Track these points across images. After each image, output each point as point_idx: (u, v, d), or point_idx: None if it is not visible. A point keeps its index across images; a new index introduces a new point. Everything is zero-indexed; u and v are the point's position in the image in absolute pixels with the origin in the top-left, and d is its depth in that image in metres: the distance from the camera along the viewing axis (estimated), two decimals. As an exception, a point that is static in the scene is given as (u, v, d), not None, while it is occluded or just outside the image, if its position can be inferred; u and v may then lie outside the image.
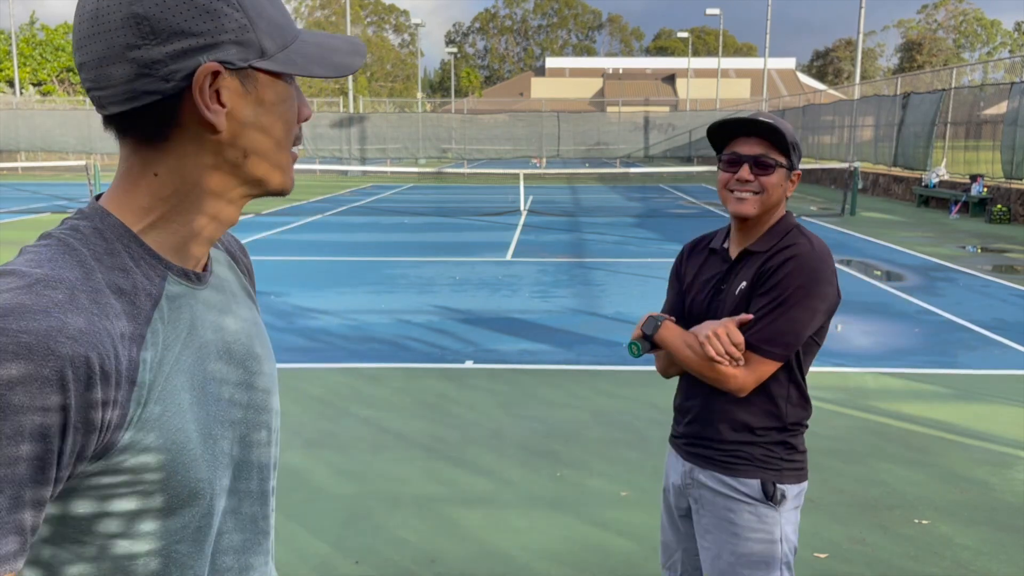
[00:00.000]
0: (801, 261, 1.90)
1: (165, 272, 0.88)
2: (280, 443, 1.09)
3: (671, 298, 2.15)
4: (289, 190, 0.96)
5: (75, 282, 0.78)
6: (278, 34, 0.87)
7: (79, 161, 21.76)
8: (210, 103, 0.84)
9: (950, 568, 3.30)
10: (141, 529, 0.84)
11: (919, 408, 5.18)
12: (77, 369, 0.74)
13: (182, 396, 0.86)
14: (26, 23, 50.38)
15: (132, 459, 0.81)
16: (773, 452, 1.99)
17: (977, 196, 17.04)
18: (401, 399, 5.36)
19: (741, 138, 1.95)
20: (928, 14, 79.25)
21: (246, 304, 1.05)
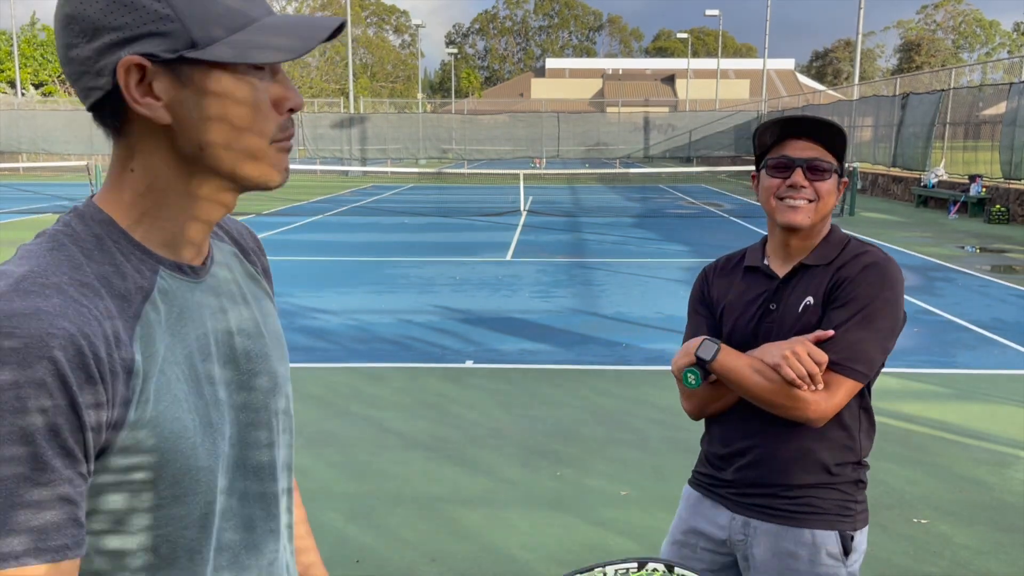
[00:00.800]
0: (882, 269, 1.71)
1: (156, 266, 0.88)
2: (291, 446, 1.08)
3: (699, 326, 1.88)
4: (273, 184, 0.91)
5: (64, 278, 0.80)
6: (215, 23, 0.83)
7: (80, 161, 21.77)
8: (139, 97, 0.83)
9: (949, 567, 3.32)
10: (150, 517, 0.86)
11: (919, 408, 5.19)
12: (72, 363, 0.75)
13: (178, 386, 0.86)
14: (27, 24, 50.38)
15: (134, 448, 0.82)
16: (848, 494, 1.77)
17: (976, 196, 17.05)
18: (402, 399, 5.37)
19: (791, 140, 1.74)
20: (927, 15, 79.29)
21: (253, 299, 1.03)
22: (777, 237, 1.80)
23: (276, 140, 0.89)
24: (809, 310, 1.73)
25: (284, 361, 1.06)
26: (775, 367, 1.64)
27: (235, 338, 0.97)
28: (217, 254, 1.00)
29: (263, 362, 1.00)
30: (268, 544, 1.00)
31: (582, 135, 34.76)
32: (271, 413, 1.01)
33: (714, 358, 1.69)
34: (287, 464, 1.06)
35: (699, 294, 1.92)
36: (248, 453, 0.98)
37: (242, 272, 1.04)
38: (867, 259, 1.72)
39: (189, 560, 0.90)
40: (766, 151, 1.78)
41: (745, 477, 1.79)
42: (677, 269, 10.52)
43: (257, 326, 1.01)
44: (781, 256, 1.80)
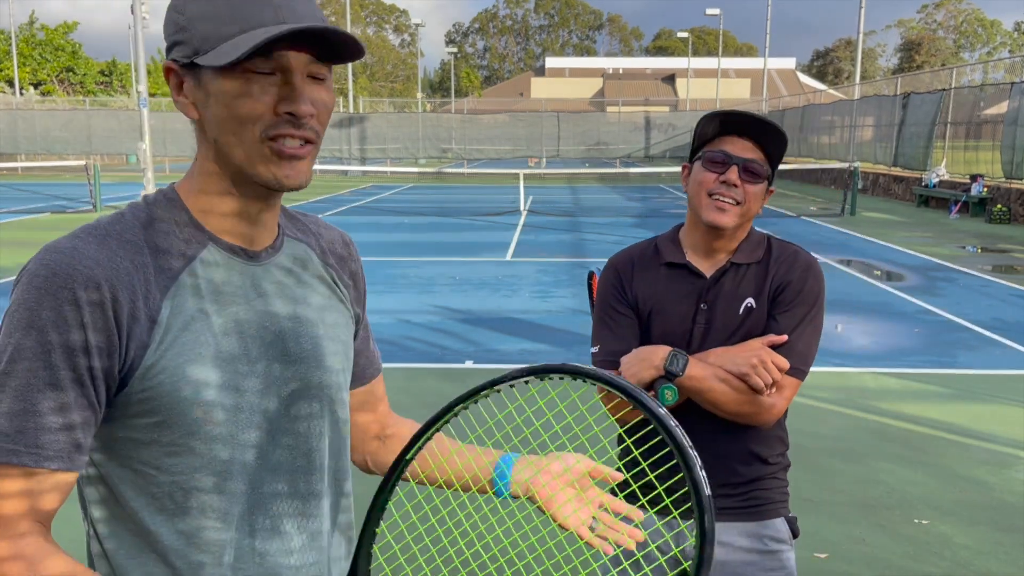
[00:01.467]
0: (817, 270, 1.75)
1: (207, 242, 0.99)
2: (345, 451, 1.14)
3: (625, 329, 1.79)
4: (271, 183, 0.96)
5: (110, 233, 0.94)
6: (216, 32, 0.92)
7: (79, 161, 21.76)
8: (177, 96, 0.98)
9: (950, 568, 3.31)
10: (165, 461, 0.95)
11: (919, 408, 5.18)
12: (88, 286, 0.88)
13: (205, 348, 0.95)
14: (26, 23, 50.39)
15: (152, 390, 0.92)
16: (783, 481, 1.80)
17: (977, 196, 17.04)
18: (401, 399, 5.37)
19: (732, 137, 1.70)
20: (928, 14, 79.28)
21: (321, 297, 1.09)
22: (699, 234, 1.76)
23: (269, 139, 0.95)
24: (753, 313, 1.72)
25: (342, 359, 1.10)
26: (742, 376, 1.63)
27: (286, 323, 1.02)
28: (287, 248, 1.07)
29: (315, 353, 1.04)
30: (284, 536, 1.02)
31: (582, 135, 34.76)
32: (316, 402, 1.05)
33: (684, 370, 1.63)
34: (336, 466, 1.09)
35: (616, 293, 1.81)
36: (282, 443, 1.01)
37: (314, 274, 1.10)
38: (803, 260, 1.75)
39: (200, 512, 0.96)
40: (704, 143, 1.75)
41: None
42: (677, 269, 10.51)
43: (313, 320, 1.06)
44: (703, 253, 1.77)
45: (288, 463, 1.02)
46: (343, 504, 1.11)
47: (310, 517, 1.05)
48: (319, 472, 1.06)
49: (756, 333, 1.71)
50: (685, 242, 1.80)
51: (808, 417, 5.01)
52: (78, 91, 49.91)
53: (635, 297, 1.80)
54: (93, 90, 50.87)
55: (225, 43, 0.91)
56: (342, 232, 1.21)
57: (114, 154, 37.76)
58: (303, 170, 0.98)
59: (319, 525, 1.06)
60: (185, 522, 0.95)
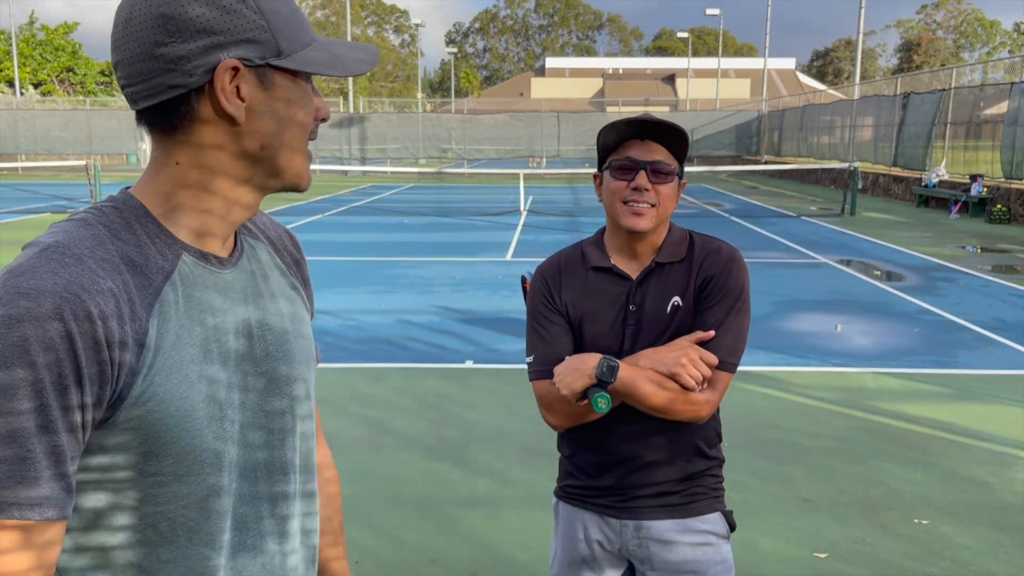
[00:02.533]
0: (739, 261, 1.76)
1: (180, 252, 0.94)
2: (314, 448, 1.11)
3: (556, 336, 1.80)
4: (305, 186, 1.00)
5: (85, 250, 0.86)
6: (295, 36, 0.93)
7: (79, 161, 21.77)
8: (230, 97, 0.90)
9: (950, 568, 3.31)
10: (151, 492, 0.89)
11: (919, 408, 5.18)
12: (79, 320, 0.80)
13: (191, 368, 0.90)
14: (26, 23, 50.38)
15: (138, 420, 0.86)
16: (718, 476, 1.83)
17: (977, 196, 17.05)
18: (401, 399, 5.37)
19: (634, 141, 1.74)
20: (928, 14, 79.27)
21: (282, 297, 1.07)
22: (621, 238, 1.78)
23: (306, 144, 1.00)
24: (680, 310, 1.74)
25: (309, 359, 1.08)
26: (672, 376, 1.65)
27: (256, 330, 1.00)
28: (248, 251, 1.04)
29: (285, 357, 1.02)
30: (277, 546, 1.01)
31: (582, 135, 34.76)
32: (289, 408, 1.03)
33: (614, 376, 1.64)
34: (305, 465, 1.07)
35: (545, 300, 1.83)
36: (264, 446, 0.99)
37: (274, 269, 1.08)
38: (725, 253, 1.76)
39: (188, 540, 0.92)
40: (609, 152, 1.78)
41: (631, 481, 1.77)
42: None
43: (282, 322, 1.04)
44: (627, 256, 1.80)
45: (268, 471, 1.00)
46: (313, 505, 1.09)
47: (287, 520, 1.03)
48: (294, 474, 1.04)
49: (685, 331, 1.73)
50: (609, 245, 1.82)
51: (808, 417, 5.01)
52: (78, 91, 49.89)
53: (564, 304, 1.82)
54: (93, 90, 50.86)
55: (306, 49, 0.94)
56: (286, 227, 1.18)
57: (114, 154, 37.75)
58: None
59: (301, 525, 1.06)
60: (169, 551, 0.91)
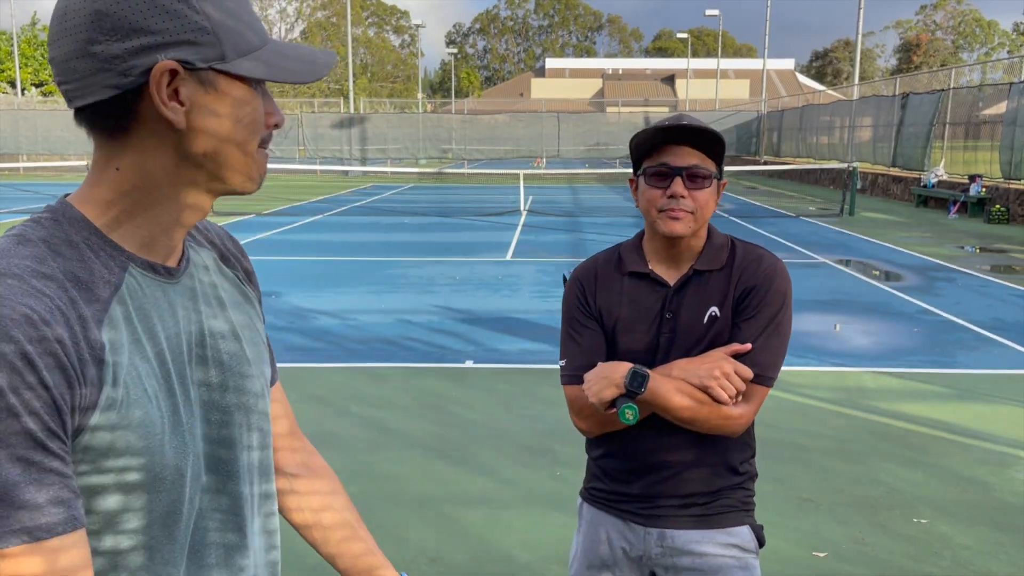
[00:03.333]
0: (782, 274, 1.71)
1: (126, 263, 0.89)
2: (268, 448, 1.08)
3: (589, 341, 1.77)
4: (250, 190, 0.96)
5: (26, 270, 0.81)
6: (241, 39, 0.89)
7: (80, 161, 21.78)
8: (167, 100, 0.86)
9: (950, 568, 3.31)
10: (112, 510, 0.86)
11: (919, 408, 5.18)
12: (33, 341, 0.76)
13: (148, 382, 0.87)
14: (27, 24, 50.38)
15: (101, 441, 0.83)
16: (749, 490, 1.79)
17: (976, 196, 17.05)
18: (401, 399, 5.37)
19: (670, 146, 1.68)
20: (927, 15, 79.30)
21: (232, 303, 1.04)
22: (658, 243, 1.74)
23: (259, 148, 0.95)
24: (717, 321, 1.69)
25: (262, 364, 1.06)
26: (704, 388, 1.61)
27: (208, 339, 0.97)
28: (194, 257, 1.01)
29: (238, 365, 1.00)
30: (238, 548, 0.99)
31: (582, 135, 34.77)
32: (250, 414, 1.01)
33: (643, 387, 1.60)
34: (263, 467, 1.05)
35: (579, 304, 1.81)
36: (220, 455, 0.97)
37: (221, 276, 1.05)
38: (767, 263, 1.71)
39: (150, 560, 0.89)
40: (643, 157, 1.73)
41: (659, 490, 1.74)
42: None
43: (233, 329, 1.02)
44: (665, 261, 1.75)
45: (234, 476, 0.98)
46: (272, 506, 1.08)
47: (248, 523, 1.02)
48: (261, 475, 1.04)
49: (721, 342, 1.68)
50: (648, 250, 1.77)
51: (808, 417, 5.01)
52: (78, 91, 49.81)
53: (599, 309, 1.78)
54: (93, 90, 50.75)
55: (256, 52, 0.90)
56: (226, 230, 1.15)
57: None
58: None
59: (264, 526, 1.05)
60: (133, 572, 0.88)
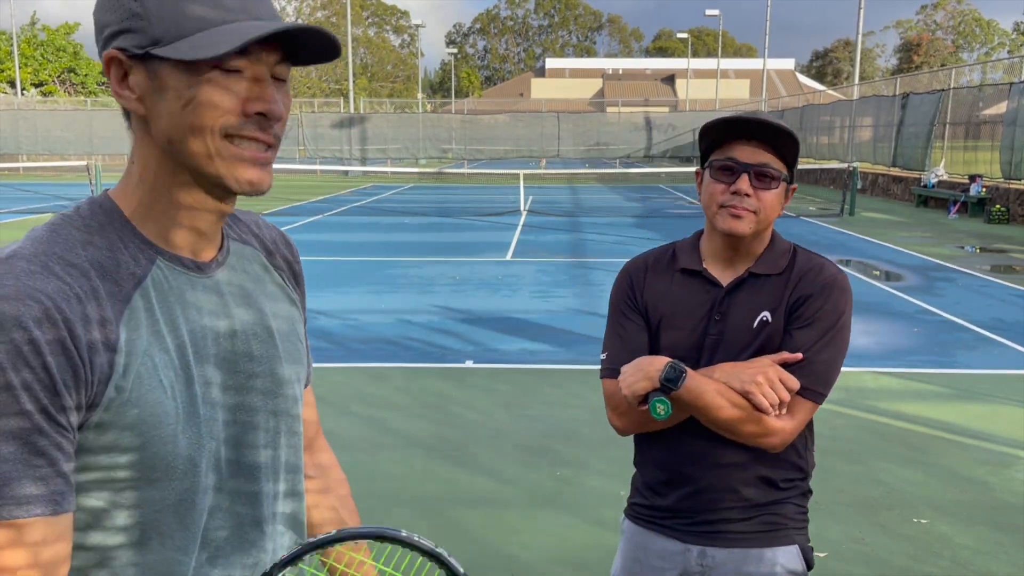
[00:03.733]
0: (842, 286, 1.63)
1: (154, 256, 0.92)
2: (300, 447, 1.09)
3: (632, 336, 1.69)
4: (232, 186, 0.90)
5: (50, 255, 0.84)
6: (177, 22, 0.85)
7: (80, 161, 21.78)
8: (120, 88, 0.89)
9: (949, 567, 3.31)
10: (122, 496, 0.88)
11: (919, 408, 5.19)
12: (43, 327, 0.79)
13: (164, 373, 0.89)
14: (27, 24, 50.39)
15: (112, 425, 0.85)
16: (800, 506, 1.69)
17: (976, 196, 17.05)
18: (401, 399, 5.37)
19: (738, 142, 1.60)
20: (927, 15, 79.30)
21: (271, 302, 1.04)
22: (717, 241, 1.66)
23: (232, 137, 0.89)
24: (767, 326, 1.61)
25: (298, 365, 1.06)
26: (745, 393, 1.52)
27: (237, 337, 0.97)
28: (233, 255, 1.02)
29: (266, 364, 1.00)
30: (255, 545, 1.00)
31: (582, 135, 34.76)
32: (270, 415, 1.01)
33: (680, 383, 1.52)
34: (291, 466, 1.05)
35: (627, 297, 1.73)
36: (242, 453, 0.98)
37: (265, 274, 1.06)
38: (828, 273, 1.63)
39: (160, 544, 0.91)
40: (711, 150, 1.65)
41: (694, 504, 1.66)
42: (677, 269, 10.51)
43: (268, 327, 1.01)
44: (721, 261, 1.67)
45: (247, 476, 0.98)
46: (298, 506, 1.08)
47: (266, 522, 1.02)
48: (286, 473, 1.04)
49: (770, 349, 1.60)
50: (704, 249, 1.70)
51: (808, 417, 5.01)
52: (79, 92, 49.89)
53: (645, 303, 1.70)
54: (95, 91, 50.84)
55: (196, 34, 0.85)
56: (282, 231, 1.16)
57: (115, 154, 37.74)
58: (268, 175, 0.92)
59: (285, 527, 1.05)
60: (143, 555, 0.90)
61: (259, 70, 0.89)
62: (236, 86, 0.88)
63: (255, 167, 0.91)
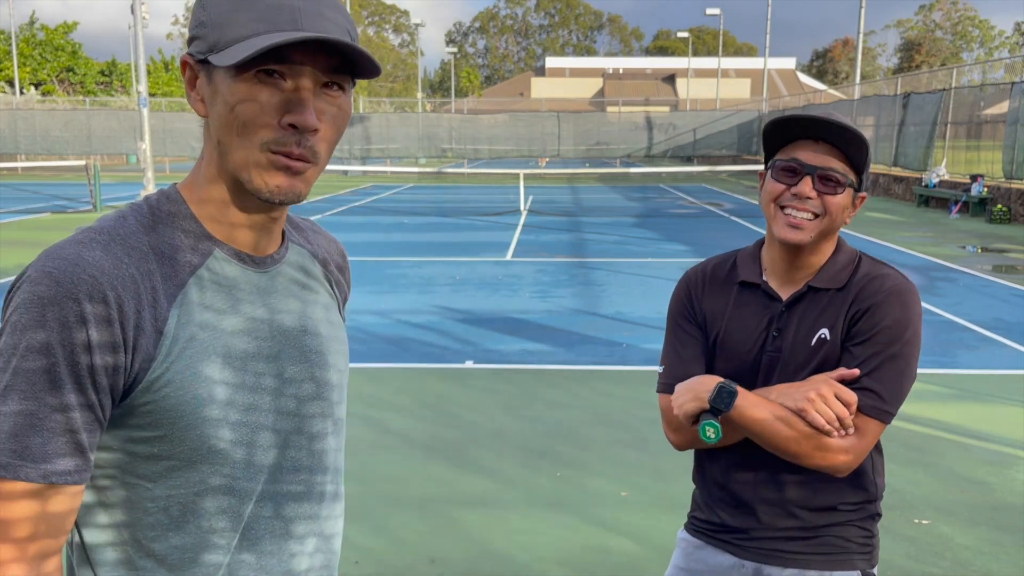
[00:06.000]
0: (906, 298, 1.51)
1: (212, 248, 0.97)
2: (343, 450, 1.12)
3: (688, 350, 1.62)
4: (262, 194, 0.93)
5: (114, 237, 0.90)
6: (228, 30, 0.90)
7: (79, 161, 21.77)
8: (189, 91, 0.96)
9: (950, 568, 3.31)
10: (162, 475, 0.92)
11: (920, 408, 5.18)
12: (95, 302, 0.84)
13: (213, 359, 0.92)
14: (26, 23, 50.37)
15: (154, 404, 0.89)
16: (866, 530, 1.60)
17: (977, 196, 17.04)
18: (401, 399, 5.36)
19: (805, 142, 1.50)
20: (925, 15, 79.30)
21: (320, 305, 1.08)
22: (776, 251, 1.57)
23: (270, 150, 0.92)
24: (826, 345, 1.52)
25: (341, 367, 1.09)
26: (799, 411, 1.44)
27: (287, 334, 1.01)
28: (292, 255, 1.06)
29: (314, 364, 1.03)
30: (296, 538, 1.02)
31: (582, 134, 34.76)
32: (317, 414, 1.04)
33: (730, 406, 1.45)
34: (335, 467, 1.08)
35: (684, 309, 1.66)
36: (288, 448, 1.00)
37: (315, 283, 1.09)
38: (891, 283, 1.52)
39: (197, 527, 0.94)
40: (776, 150, 1.55)
41: (756, 523, 1.59)
42: (677, 269, 10.51)
43: (316, 330, 1.05)
44: (781, 273, 1.58)
45: (297, 466, 1.01)
46: (336, 508, 1.09)
47: (316, 520, 1.04)
48: (327, 473, 1.06)
49: (830, 369, 1.51)
50: (765, 259, 1.61)
51: (808, 417, 5.00)
52: (78, 91, 49.89)
53: (703, 315, 1.63)
54: (93, 90, 50.85)
55: (238, 43, 0.89)
56: (338, 242, 1.21)
57: (114, 154, 37.76)
58: (299, 183, 0.94)
59: (321, 528, 1.06)
60: (179, 537, 0.93)
61: (301, 81, 0.91)
62: (275, 97, 0.91)
63: (286, 174, 0.93)
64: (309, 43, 0.89)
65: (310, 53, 0.90)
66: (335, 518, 1.08)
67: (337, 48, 0.90)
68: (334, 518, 1.08)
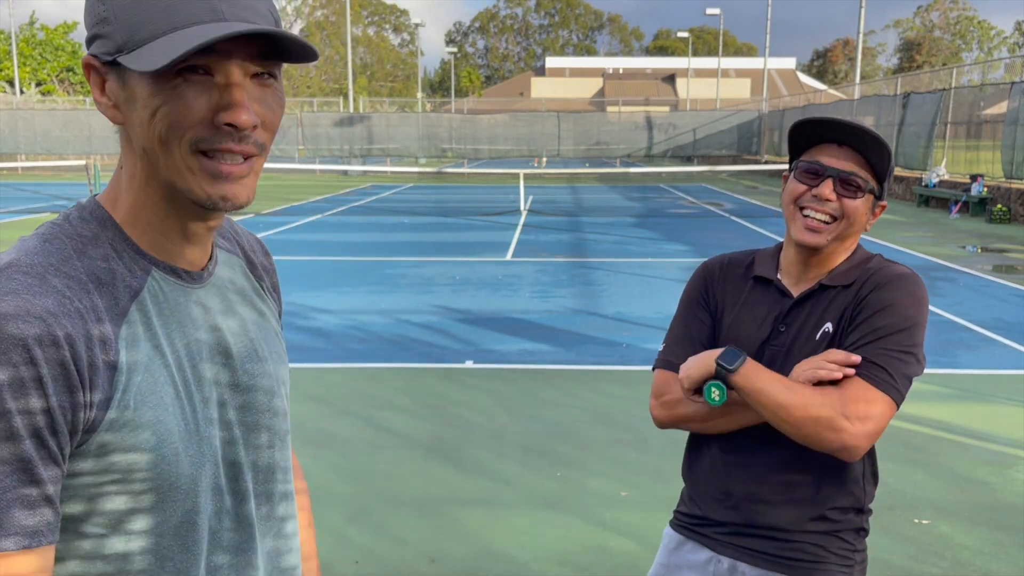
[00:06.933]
0: (909, 284, 1.53)
1: (149, 267, 0.89)
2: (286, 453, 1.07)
3: (694, 333, 1.65)
4: (200, 200, 0.85)
5: (48, 267, 0.81)
6: (139, 27, 0.81)
7: (79, 161, 21.78)
8: (98, 96, 0.86)
9: (950, 568, 3.30)
10: (125, 522, 0.85)
11: (920, 408, 5.17)
12: (44, 346, 0.76)
13: (164, 390, 0.86)
14: (26, 23, 50.38)
15: (113, 447, 0.82)
16: (849, 543, 1.58)
17: (977, 196, 17.04)
18: (401, 399, 5.36)
19: (828, 145, 1.53)
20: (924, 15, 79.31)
21: (253, 306, 1.04)
22: (792, 252, 1.60)
23: (202, 152, 0.84)
24: (829, 338, 1.54)
25: (281, 363, 1.06)
26: (809, 381, 1.46)
27: (230, 350, 0.96)
28: (221, 263, 1.00)
29: (259, 375, 0.99)
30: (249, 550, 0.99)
31: (582, 134, 34.76)
32: (271, 415, 1.01)
33: (738, 369, 1.45)
34: (283, 467, 1.05)
35: (699, 294, 1.69)
36: (245, 454, 0.97)
37: (246, 282, 1.05)
38: (894, 273, 1.55)
39: (160, 568, 0.88)
40: (800, 153, 1.59)
41: (736, 517, 1.59)
42: (677, 269, 10.51)
43: (254, 338, 1.01)
44: (796, 272, 1.61)
45: (247, 482, 0.97)
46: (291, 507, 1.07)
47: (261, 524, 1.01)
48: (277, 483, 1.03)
49: None
50: (783, 259, 1.64)
51: (808, 417, 5.00)
52: (78, 91, 49.87)
53: (716, 302, 1.67)
54: (93, 90, 50.78)
55: (154, 41, 0.79)
56: (259, 238, 1.14)
57: (114, 154, 37.72)
58: (245, 188, 0.86)
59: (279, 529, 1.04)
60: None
61: (231, 74, 0.82)
62: (204, 94, 0.82)
63: (229, 182, 0.85)
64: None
65: (235, 41, 0.81)
66: (286, 519, 1.06)
67: (264, 35, 0.82)
68: (286, 519, 1.05)
